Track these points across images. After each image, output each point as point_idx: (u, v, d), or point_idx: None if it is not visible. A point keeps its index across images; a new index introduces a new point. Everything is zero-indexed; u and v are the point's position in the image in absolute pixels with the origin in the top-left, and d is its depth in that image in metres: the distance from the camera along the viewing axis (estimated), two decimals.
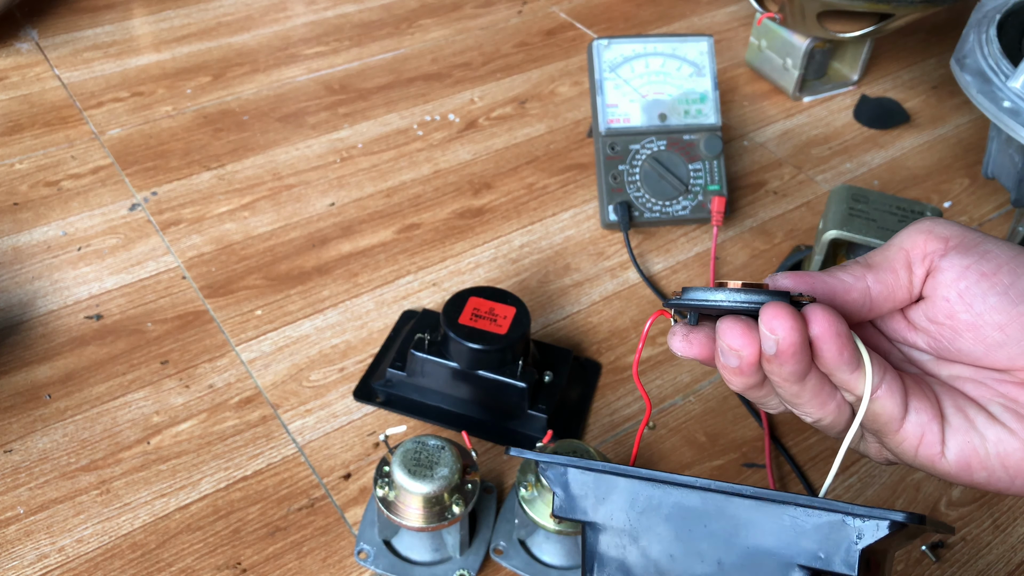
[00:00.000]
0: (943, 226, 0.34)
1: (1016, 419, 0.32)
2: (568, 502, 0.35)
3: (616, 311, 0.73)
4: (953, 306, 0.33)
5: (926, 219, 0.35)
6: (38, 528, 0.55)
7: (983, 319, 0.33)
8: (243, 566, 0.54)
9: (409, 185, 0.84)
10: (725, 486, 0.32)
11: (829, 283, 0.34)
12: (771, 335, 0.31)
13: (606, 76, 0.78)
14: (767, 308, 0.31)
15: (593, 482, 0.34)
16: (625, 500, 0.34)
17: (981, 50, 0.74)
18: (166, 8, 1.07)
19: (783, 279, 0.34)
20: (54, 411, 0.62)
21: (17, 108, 0.90)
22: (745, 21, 1.13)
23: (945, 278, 0.33)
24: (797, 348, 0.30)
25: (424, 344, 0.61)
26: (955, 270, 0.33)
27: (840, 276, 0.34)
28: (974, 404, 0.33)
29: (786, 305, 0.31)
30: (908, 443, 0.33)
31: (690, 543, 0.33)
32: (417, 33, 1.07)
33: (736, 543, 0.32)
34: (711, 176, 0.78)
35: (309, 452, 0.61)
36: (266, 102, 0.93)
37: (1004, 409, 0.33)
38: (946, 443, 0.32)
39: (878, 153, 0.92)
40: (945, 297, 0.33)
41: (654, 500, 0.33)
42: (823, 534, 0.30)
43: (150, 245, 0.75)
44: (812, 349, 0.31)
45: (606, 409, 0.65)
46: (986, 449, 0.32)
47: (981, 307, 0.32)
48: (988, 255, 0.33)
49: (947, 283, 0.33)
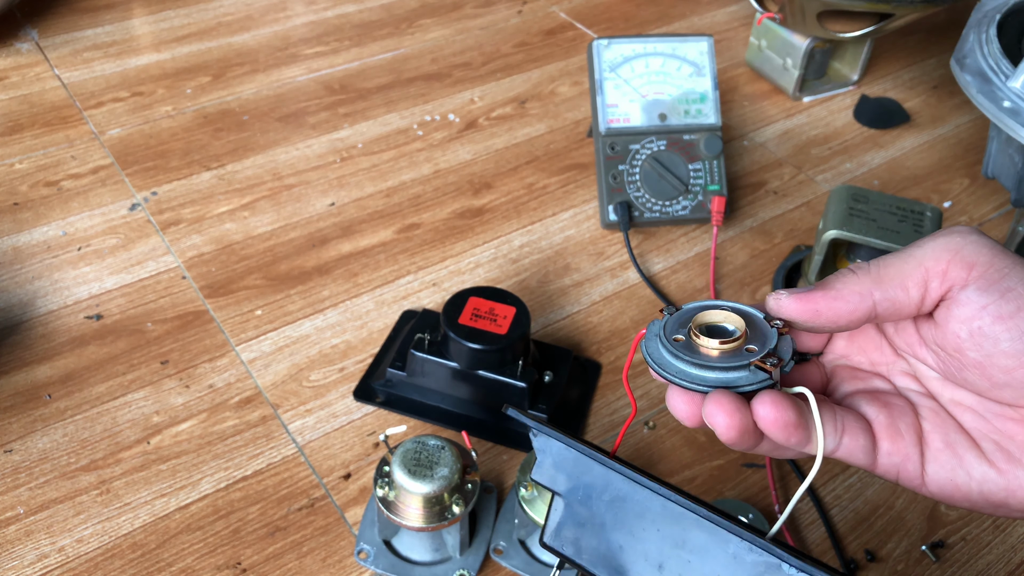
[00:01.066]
0: (972, 248, 0.32)
1: (1006, 459, 0.32)
2: (546, 470, 0.36)
3: (616, 311, 0.73)
4: (963, 343, 0.32)
5: (956, 233, 0.33)
6: (38, 528, 0.55)
7: (992, 361, 0.32)
8: (243, 566, 0.54)
9: (409, 185, 0.84)
10: (684, 501, 0.33)
11: (833, 307, 0.33)
12: (712, 425, 0.32)
13: (606, 76, 0.78)
14: (708, 400, 0.32)
15: (573, 459, 0.36)
16: (597, 485, 0.35)
17: (981, 50, 0.74)
18: (166, 8, 1.07)
19: (787, 300, 0.34)
20: (54, 411, 0.62)
21: (17, 108, 0.90)
22: (745, 21, 1.13)
23: (960, 313, 0.32)
24: (737, 435, 0.32)
25: (424, 344, 0.61)
26: (972, 307, 0.32)
27: (845, 295, 0.33)
28: (966, 438, 0.34)
29: (724, 398, 0.32)
30: (885, 474, 0.34)
31: (641, 541, 0.34)
32: (417, 33, 1.07)
33: (681, 555, 0.33)
34: (711, 176, 0.78)
35: (309, 452, 0.61)
36: (266, 102, 0.93)
37: (996, 447, 0.33)
38: (927, 474, 0.33)
39: (878, 153, 0.92)
40: (956, 333, 0.32)
41: (621, 493, 0.34)
42: (759, 572, 0.31)
43: (150, 245, 0.76)
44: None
45: (606, 409, 0.65)
46: (970, 486, 0.33)
47: (991, 349, 0.31)
48: (1009, 295, 0.31)
49: (961, 319, 0.32)
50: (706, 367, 0.32)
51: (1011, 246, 0.78)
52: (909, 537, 0.58)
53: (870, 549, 0.57)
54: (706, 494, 0.59)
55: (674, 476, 0.60)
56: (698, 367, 0.33)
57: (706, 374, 0.32)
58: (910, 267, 0.33)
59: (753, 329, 0.34)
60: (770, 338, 0.33)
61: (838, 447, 0.33)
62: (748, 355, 0.32)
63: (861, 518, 0.59)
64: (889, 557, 0.57)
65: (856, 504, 0.60)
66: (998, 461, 0.32)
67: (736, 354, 0.33)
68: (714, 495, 0.59)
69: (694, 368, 0.33)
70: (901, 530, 0.58)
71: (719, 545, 0.32)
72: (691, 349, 0.33)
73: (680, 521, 0.33)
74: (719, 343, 0.33)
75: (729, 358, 0.32)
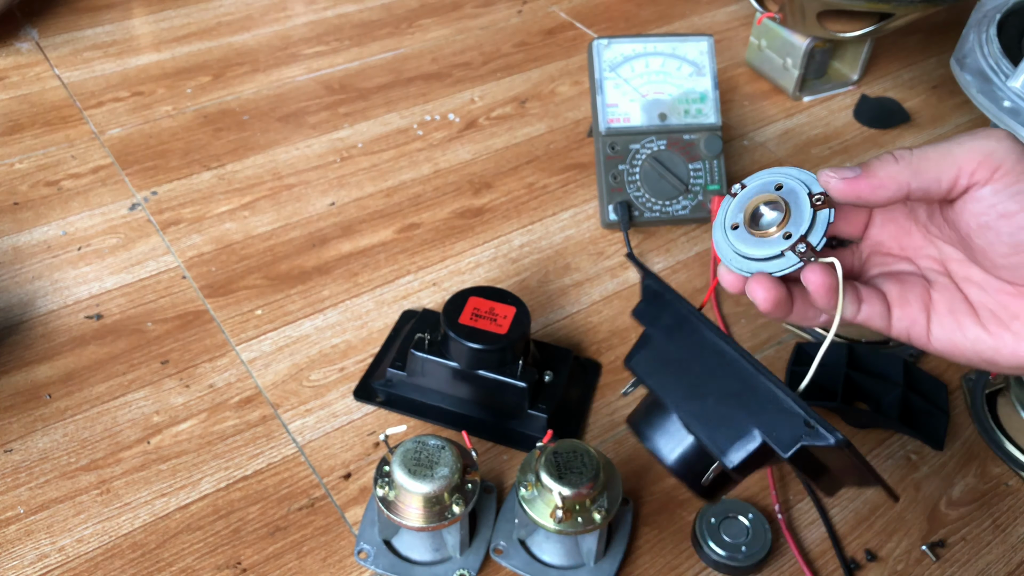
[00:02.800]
0: (1002, 152, 0.37)
1: (997, 324, 0.40)
2: (647, 312, 0.46)
3: (616, 311, 0.73)
4: (972, 231, 0.39)
5: (992, 137, 0.37)
6: (38, 528, 0.55)
7: (992, 248, 0.38)
8: (243, 566, 0.54)
9: (409, 185, 0.84)
10: (746, 360, 0.41)
11: (875, 193, 0.38)
12: (753, 299, 0.40)
13: (606, 76, 0.78)
14: (749, 281, 0.40)
15: (669, 311, 0.45)
16: (684, 332, 0.44)
17: (981, 50, 0.74)
18: (166, 8, 1.07)
19: (835, 183, 0.39)
20: (54, 411, 0.62)
21: (17, 108, 0.90)
22: (745, 21, 1.13)
23: (974, 208, 0.38)
24: (773, 307, 0.40)
25: (424, 344, 0.61)
26: (983, 204, 0.37)
27: (885, 183, 0.38)
28: (968, 307, 0.41)
29: (763, 279, 0.40)
30: (898, 335, 0.42)
31: (704, 373, 0.43)
32: (417, 33, 1.07)
33: (731, 388, 0.41)
34: (711, 176, 0.78)
35: (309, 452, 0.61)
36: (266, 102, 0.93)
37: (991, 315, 0.40)
38: (932, 334, 0.41)
39: (878, 153, 0.92)
40: (968, 223, 0.39)
41: (697, 342, 0.43)
42: (785, 418, 0.39)
43: (150, 245, 0.76)
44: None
45: (606, 409, 0.65)
46: (965, 344, 0.40)
47: (993, 239, 0.38)
48: (1019, 196, 0.37)
49: (973, 212, 0.38)
50: (748, 258, 0.41)
51: None
52: (909, 537, 0.58)
53: (870, 549, 0.57)
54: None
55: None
56: (742, 257, 0.41)
57: (747, 264, 0.41)
58: (947, 164, 0.38)
59: (797, 207, 0.40)
60: (806, 220, 0.39)
61: (858, 312, 0.42)
62: (784, 242, 0.39)
63: (861, 518, 0.59)
64: (889, 557, 0.57)
65: (856, 504, 0.60)
66: (990, 325, 0.40)
67: (775, 240, 0.40)
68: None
69: (739, 257, 0.41)
70: (901, 530, 0.58)
71: (762, 391, 0.40)
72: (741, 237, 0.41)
73: (738, 369, 0.41)
74: (760, 233, 0.40)
75: (770, 243, 0.40)
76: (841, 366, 0.64)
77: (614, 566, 0.54)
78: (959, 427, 0.65)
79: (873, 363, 0.65)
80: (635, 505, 0.59)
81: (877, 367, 0.65)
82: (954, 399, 0.66)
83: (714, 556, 0.55)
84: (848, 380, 0.63)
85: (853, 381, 0.64)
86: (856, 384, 0.64)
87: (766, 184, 0.42)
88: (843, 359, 0.65)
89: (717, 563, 0.55)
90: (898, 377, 0.64)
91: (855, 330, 0.70)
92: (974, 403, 0.66)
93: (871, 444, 0.63)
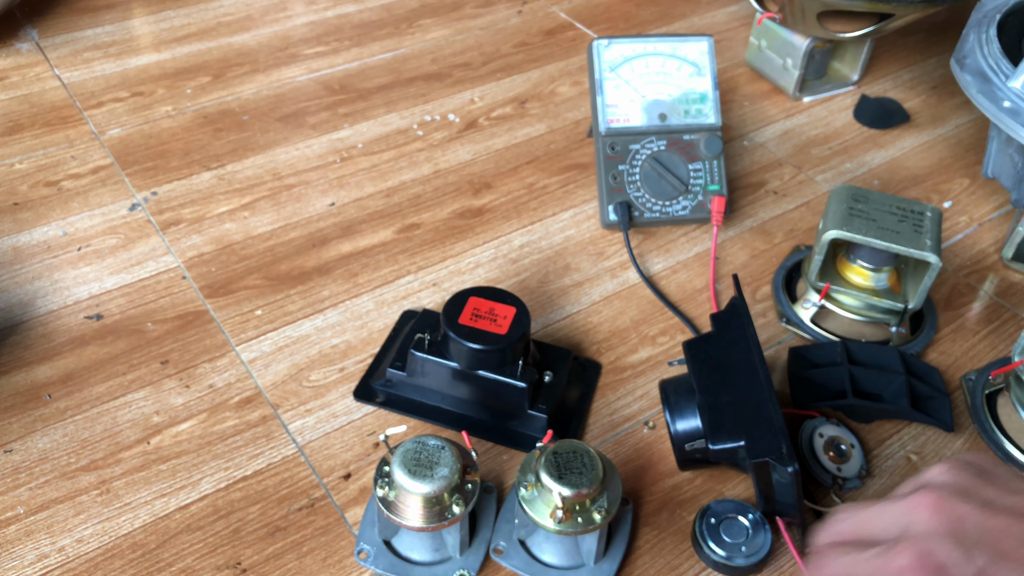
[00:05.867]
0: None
1: None
2: (720, 318, 0.58)
3: (616, 311, 0.73)
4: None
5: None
6: (38, 528, 0.55)
7: None
8: (243, 566, 0.54)
9: (409, 185, 0.84)
10: (766, 386, 0.53)
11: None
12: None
13: (606, 76, 0.78)
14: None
15: (737, 326, 0.57)
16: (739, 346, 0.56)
17: (981, 50, 0.74)
18: (166, 8, 1.07)
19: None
20: (54, 411, 0.62)
21: (17, 108, 0.90)
22: (745, 21, 1.13)
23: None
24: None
25: (424, 344, 0.61)
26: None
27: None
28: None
29: None
30: None
31: (733, 379, 0.55)
32: (417, 33, 1.07)
33: (745, 399, 0.53)
34: (711, 176, 0.78)
35: (309, 452, 0.61)
36: (266, 102, 0.93)
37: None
38: None
39: (878, 153, 0.92)
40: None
41: (745, 353, 0.55)
42: (768, 437, 0.50)
43: (150, 245, 0.76)
44: None
45: (606, 409, 0.65)
46: None
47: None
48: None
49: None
50: None
51: (1011, 246, 0.78)
52: None
53: None
54: (706, 494, 0.59)
55: (673, 476, 0.60)
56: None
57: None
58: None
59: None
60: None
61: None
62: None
63: None
64: None
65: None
66: None
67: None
68: (714, 495, 0.59)
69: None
70: None
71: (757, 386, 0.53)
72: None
73: (754, 394, 0.52)
74: None
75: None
76: (842, 364, 0.64)
77: (614, 566, 0.54)
78: (959, 427, 0.65)
79: (870, 357, 0.65)
80: (635, 505, 0.59)
81: (875, 360, 0.65)
82: (954, 399, 0.66)
83: (714, 556, 0.55)
84: (852, 377, 0.64)
85: (856, 377, 0.64)
86: (859, 379, 0.64)
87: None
88: (843, 357, 0.65)
89: (717, 563, 0.55)
90: (897, 367, 0.64)
91: (855, 330, 0.70)
92: (974, 403, 0.66)
93: (871, 444, 0.63)
